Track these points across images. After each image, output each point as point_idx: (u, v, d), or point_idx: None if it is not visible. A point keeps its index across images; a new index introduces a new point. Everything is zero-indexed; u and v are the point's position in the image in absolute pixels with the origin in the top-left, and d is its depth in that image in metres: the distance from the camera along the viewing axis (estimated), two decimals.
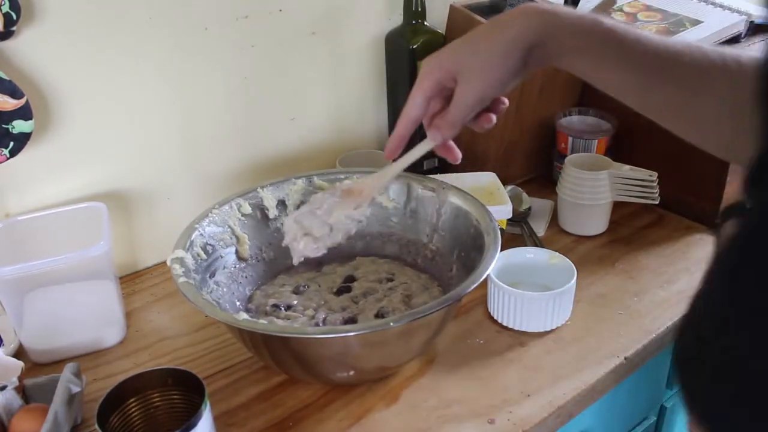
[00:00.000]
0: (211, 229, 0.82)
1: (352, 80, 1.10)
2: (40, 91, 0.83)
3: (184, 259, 0.75)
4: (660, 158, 1.04)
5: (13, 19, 0.75)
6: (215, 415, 0.68)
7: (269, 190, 0.88)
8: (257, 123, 1.02)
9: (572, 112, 1.13)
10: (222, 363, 0.80)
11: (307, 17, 1.01)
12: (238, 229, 0.85)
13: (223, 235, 0.83)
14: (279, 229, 0.86)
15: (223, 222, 0.84)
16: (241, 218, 0.85)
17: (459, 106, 0.64)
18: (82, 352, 0.82)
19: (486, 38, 0.62)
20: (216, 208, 0.83)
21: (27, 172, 0.85)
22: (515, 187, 1.07)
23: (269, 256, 0.88)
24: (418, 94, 0.65)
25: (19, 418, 0.66)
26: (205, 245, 0.80)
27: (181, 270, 0.73)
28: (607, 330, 0.84)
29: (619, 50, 0.59)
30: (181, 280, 0.71)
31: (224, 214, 0.84)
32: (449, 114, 0.65)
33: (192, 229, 0.80)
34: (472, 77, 0.62)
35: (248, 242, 0.85)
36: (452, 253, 0.84)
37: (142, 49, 0.88)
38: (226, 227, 0.84)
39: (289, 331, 0.70)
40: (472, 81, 0.62)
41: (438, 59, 0.64)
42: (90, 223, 0.84)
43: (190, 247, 0.78)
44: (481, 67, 0.62)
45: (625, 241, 1.02)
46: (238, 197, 0.86)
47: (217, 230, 0.83)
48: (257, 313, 0.81)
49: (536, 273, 0.87)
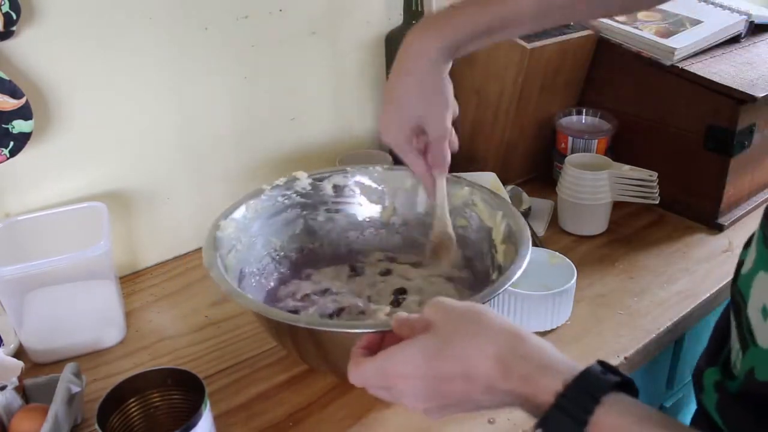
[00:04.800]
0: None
1: (352, 80, 1.10)
2: (40, 91, 0.83)
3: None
4: (660, 158, 1.04)
5: (13, 19, 0.75)
6: (215, 415, 0.68)
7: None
8: (257, 123, 1.02)
9: (572, 112, 1.13)
10: (222, 363, 0.80)
11: (307, 17, 1.01)
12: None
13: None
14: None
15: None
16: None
17: (438, 141, 0.73)
18: (82, 352, 0.82)
19: (414, 85, 0.70)
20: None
21: (27, 172, 0.85)
22: (515, 187, 1.07)
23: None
24: (411, 156, 0.74)
25: (19, 418, 0.66)
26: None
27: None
28: (607, 330, 0.84)
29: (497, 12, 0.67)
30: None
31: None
32: (434, 151, 0.74)
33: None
34: (430, 117, 0.72)
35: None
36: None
37: (143, 49, 0.88)
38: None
39: (315, 323, 0.70)
40: (436, 119, 0.72)
41: (392, 124, 0.73)
42: (90, 223, 0.84)
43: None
44: (434, 108, 0.71)
45: (625, 241, 1.01)
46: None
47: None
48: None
49: (536, 273, 0.87)
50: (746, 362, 0.51)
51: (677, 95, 1.02)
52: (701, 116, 1.00)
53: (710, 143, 1.00)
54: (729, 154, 0.99)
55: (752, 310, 0.50)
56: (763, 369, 0.49)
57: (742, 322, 0.52)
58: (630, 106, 1.09)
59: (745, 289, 0.52)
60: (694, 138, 1.01)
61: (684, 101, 1.02)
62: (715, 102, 0.98)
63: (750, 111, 0.98)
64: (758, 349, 0.49)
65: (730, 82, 0.97)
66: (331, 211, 0.91)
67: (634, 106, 1.09)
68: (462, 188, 0.87)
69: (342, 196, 0.91)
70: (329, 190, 0.91)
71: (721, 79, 0.98)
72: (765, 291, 0.48)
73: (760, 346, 0.49)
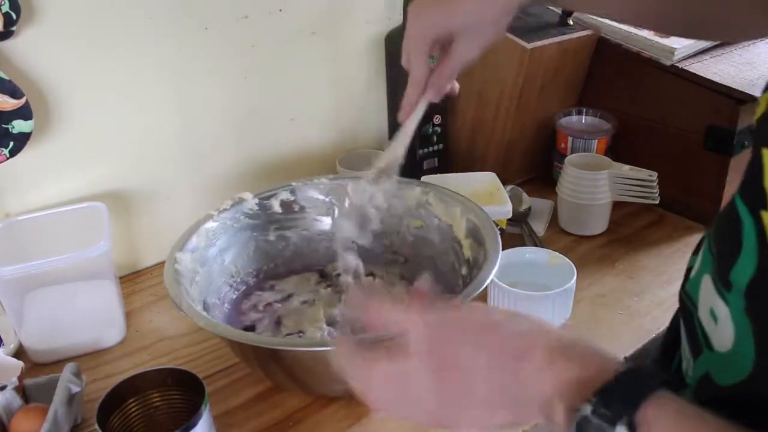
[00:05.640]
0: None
1: (352, 80, 1.10)
2: (40, 91, 0.82)
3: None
4: (660, 158, 1.04)
5: (13, 19, 0.75)
6: (215, 415, 0.68)
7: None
8: (257, 123, 1.02)
9: (572, 112, 1.13)
10: (222, 363, 0.80)
11: (307, 17, 1.01)
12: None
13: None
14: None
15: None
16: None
17: (457, 63, 0.65)
18: (82, 352, 0.82)
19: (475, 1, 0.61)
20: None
21: (27, 172, 0.85)
22: (515, 187, 1.07)
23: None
24: (421, 58, 0.65)
25: (19, 418, 0.66)
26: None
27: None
28: (607, 330, 0.84)
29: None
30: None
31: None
32: (447, 70, 0.65)
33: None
34: (470, 37, 0.63)
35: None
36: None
37: (143, 49, 0.88)
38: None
39: (276, 343, 0.69)
40: (471, 41, 0.63)
41: (432, 17, 0.63)
42: (90, 223, 0.84)
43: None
44: (479, 29, 0.62)
45: (625, 241, 1.01)
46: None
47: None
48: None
49: (536, 273, 0.87)
50: (699, 368, 0.51)
51: (677, 95, 1.02)
52: (701, 116, 1.00)
53: (710, 143, 1.00)
54: (729, 154, 0.99)
55: (703, 315, 0.50)
56: (719, 373, 0.48)
57: (694, 328, 0.52)
58: (630, 106, 1.09)
59: (694, 294, 0.52)
60: (694, 138, 1.01)
61: (684, 101, 1.02)
62: (715, 102, 0.98)
63: (750, 111, 0.97)
64: (714, 354, 0.48)
65: (730, 82, 0.97)
66: (282, 228, 0.89)
67: (634, 106, 1.09)
68: (413, 188, 0.86)
69: (291, 212, 0.90)
70: (277, 207, 0.89)
71: (721, 79, 0.98)
72: (710, 295, 0.48)
73: (716, 351, 0.48)
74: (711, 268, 0.49)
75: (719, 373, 0.48)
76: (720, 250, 0.48)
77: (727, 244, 0.47)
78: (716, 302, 0.47)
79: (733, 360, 0.45)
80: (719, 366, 0.48)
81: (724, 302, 0.46)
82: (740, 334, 0.44)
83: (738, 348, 0.45)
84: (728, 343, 0.46)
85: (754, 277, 0.43)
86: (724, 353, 0.47)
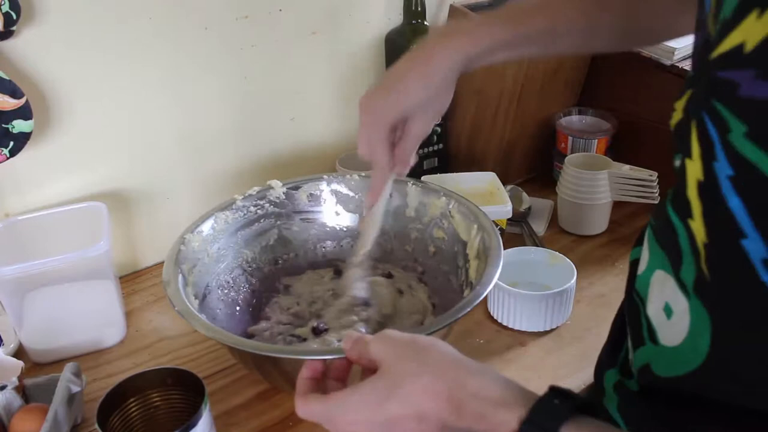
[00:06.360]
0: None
1: (352, 80, 1.10)
2: (40, 91, 0.83)
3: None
4: (660, 158, 1.04)
5: (13, 19, 0.75)
6: (215, 415, 0.68)
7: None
8: (257, 123, 1.02)
9: (572, 112, 1.13)
10: (222, 363, 0.80)
11: (307, 17, 1.01)
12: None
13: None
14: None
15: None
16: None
17: (417, 139, 0.69)
18: (82, 352, 0.82)
19: (422, 77, 0.65)
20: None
21: (27, 172, 0.85)
22: (515, 186, 1.07)
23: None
24: (382, 145, 0.68)
25: (19, 418, 0.66)
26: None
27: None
28: (607, 330, 0.83)
29: (518, 27, 0.64)
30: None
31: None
32: (409, 146, 0.69)
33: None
34: (423, 112, 0.67)
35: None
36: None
37: (143, 49, 0.88)
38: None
39: (278, 351, 0.68)
40: (425, 115, 0.67)
41: (384, 106, 0.67)
42: (90, 223, 0.84)
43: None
44: (430, 103, 0.67)
45: (625, 241, 1.01)
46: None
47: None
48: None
49: (536, 273, 0.87)
50: (639, 358, 0.52)
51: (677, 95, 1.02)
52: None
53: None
54: None
55: (653, 310, 0.50)
56: (661, 365, 0.49)
57: (639, 322, 0.52)
58: (630, 106, 1.09)
59: (643, 290, 0.52)
60: None
61: None
62: None
63: None
64: (658, 347, 0.49)
65: None
66: (306, 220, 0.89)
67: (634, 106, 1.09)
68: (439, 198, 0.85)
69: (318, 205, 0.89)
70: (304, 199, 0.89)
71: None
72: (665, 290, 0.48)
73: (661, 344, 0.49)
74: (664, 264, 0.49)
75: (660, 366, 0.49)
76: (667, 250, 0.49)
77: (670, 246, 0.48)
78: (676, 297, 0.47)
79: (681, 353, 0.46)
80: (662, 358, 0.49)
81: (686, 297, 0.46)
82: (696, 328, 0.45)
83: (691, 342, 0.45)
84: (680, 338, 0.47)
85: (697, 278, 0.44)
86: (671, 347, 0.48)
